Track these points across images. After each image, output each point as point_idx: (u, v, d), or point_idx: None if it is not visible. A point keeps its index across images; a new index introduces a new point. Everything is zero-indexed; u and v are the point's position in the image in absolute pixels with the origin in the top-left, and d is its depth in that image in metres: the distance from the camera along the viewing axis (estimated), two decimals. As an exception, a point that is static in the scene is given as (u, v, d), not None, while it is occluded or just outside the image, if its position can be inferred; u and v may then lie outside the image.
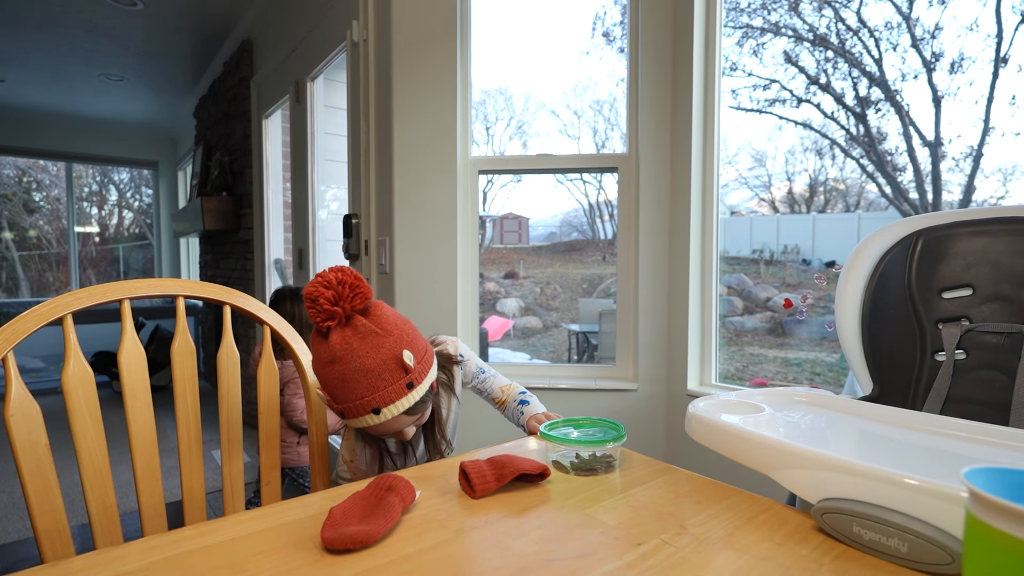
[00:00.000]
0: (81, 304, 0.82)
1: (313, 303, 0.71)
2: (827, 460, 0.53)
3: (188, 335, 0.91)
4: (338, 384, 0.73)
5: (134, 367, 0.88)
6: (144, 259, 6.66)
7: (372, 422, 0.74)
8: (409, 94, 1.80)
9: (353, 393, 0.72)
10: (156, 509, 0.88)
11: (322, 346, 0.73)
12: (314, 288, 0.72)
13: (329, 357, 0.72)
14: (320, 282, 0.72)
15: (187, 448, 0.89)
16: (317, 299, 0.71)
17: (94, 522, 0.83)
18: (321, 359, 0.74)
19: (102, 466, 0.80)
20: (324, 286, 0.71)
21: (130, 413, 0.87)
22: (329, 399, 0.76)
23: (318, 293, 0.71)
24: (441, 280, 1.82)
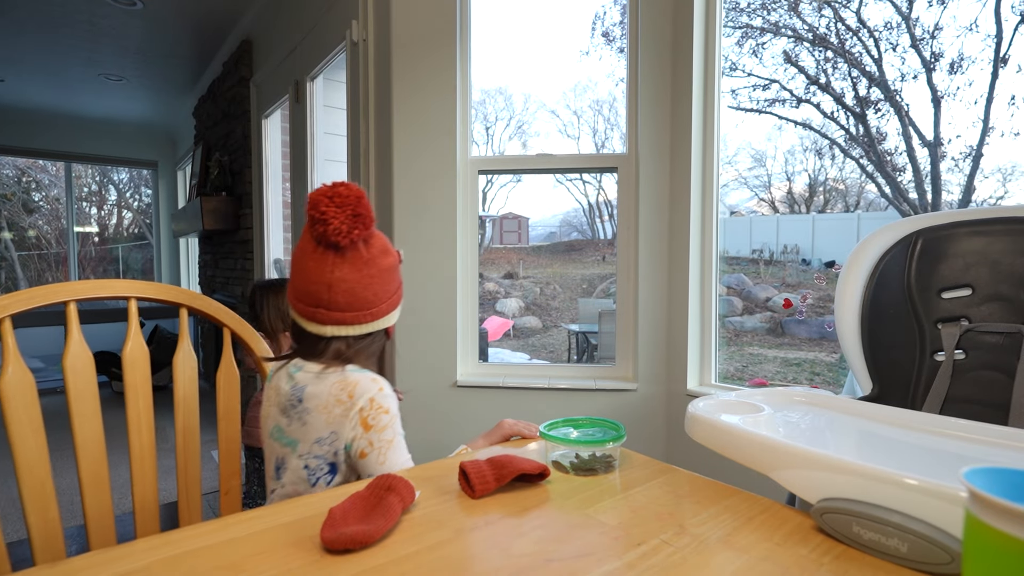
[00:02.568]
0: (21, 306, 0.79)
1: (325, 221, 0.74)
2: (827, 460, 0.53)
3: (141, 339, 0.88)
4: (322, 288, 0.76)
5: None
6: (143, 259, 6.66)
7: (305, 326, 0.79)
8: (409, 94, 1.80)
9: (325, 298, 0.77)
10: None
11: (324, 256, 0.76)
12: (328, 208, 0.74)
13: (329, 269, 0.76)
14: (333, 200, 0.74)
15: (139, 456, 0.87)
16: (329, 220, 0.73)
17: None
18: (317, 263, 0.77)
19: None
20: (337, 206, 0.74)
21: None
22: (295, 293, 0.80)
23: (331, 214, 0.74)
24: (441, 280, 1.82)
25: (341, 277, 0.76)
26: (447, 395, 1.83)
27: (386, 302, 0.82)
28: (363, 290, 0.78)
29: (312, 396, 0.76)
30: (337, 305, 0.77)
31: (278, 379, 0.82)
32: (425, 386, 1.83)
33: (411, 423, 1.84)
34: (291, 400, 0.78)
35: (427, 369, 1.83)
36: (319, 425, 0.75)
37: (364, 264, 0.77)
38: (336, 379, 0.76)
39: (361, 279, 0.77)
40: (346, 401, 0.75)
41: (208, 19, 3.35)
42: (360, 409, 0.74)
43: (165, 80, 4.42)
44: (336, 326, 0.78)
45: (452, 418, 1.83)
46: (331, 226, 0.73)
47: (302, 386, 0.77)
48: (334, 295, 0.76)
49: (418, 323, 1.83)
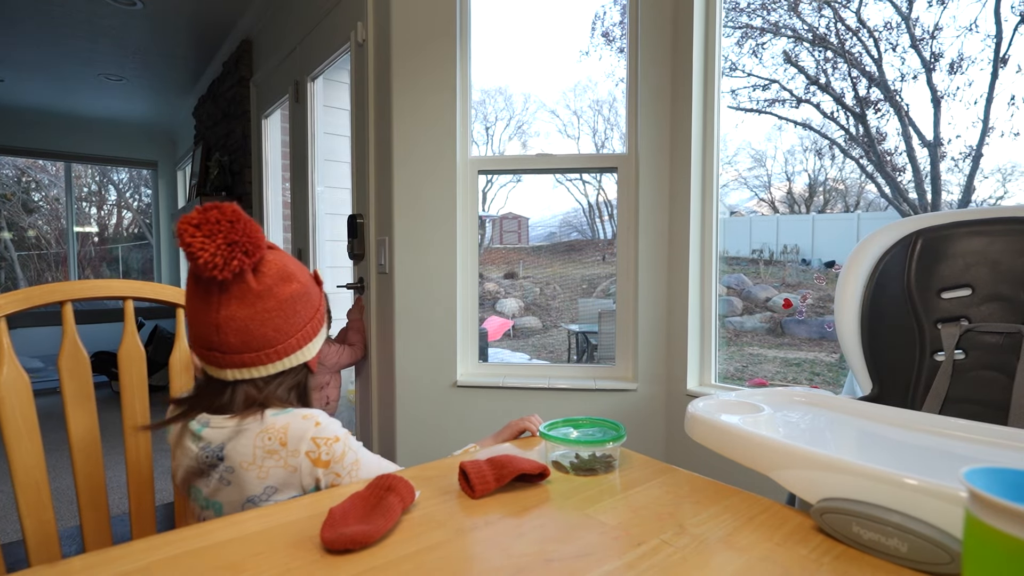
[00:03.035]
0: (17, 306, 0.78)
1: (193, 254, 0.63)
2: (826, 460, 0.53)
3: (137, 339, 0.88)
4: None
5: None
6: (143, 259, 6.65)
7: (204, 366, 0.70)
8: (409, 94, 1.80)
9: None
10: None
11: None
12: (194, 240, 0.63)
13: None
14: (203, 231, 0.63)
15: (135, 456, 0.87)
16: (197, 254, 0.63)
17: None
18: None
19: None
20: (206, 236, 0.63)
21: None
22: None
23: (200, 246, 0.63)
24: (441, 280, 1.82)
25: (228, 315, 0.66)
26: (447, 395, 1.83)
27: (294, 336, 0.71)
28: (259, 327, 0.67)
29: (233, 454, 0.66)
30: (231, 347, 0.67)
31: (183, 438, 0.71)
32: (425, 386, 1.83)
33: (411, 423, 1.84)
34: (207, 462, 0.67)
35: (427, 369, 1.83)
36: (250, 483, 0.65)
37: (256, 297, 0.67)
38: (258, 429, 0.66)
39: (254, 315, 0.67)
40: (279, 450, 0.66)
41: (208, 19, 3.35)
42: (307, 453, 0.66)
43: (165, 80, 4.42)
44: (236, 369, 0.68)
45: (452, 418, 1.83)
46: (201, 259, 0.62)
47: (218, 444, 0.66)
48: (224, 336, 0.66)
49: (418, 323, 1.83)
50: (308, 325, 0.73)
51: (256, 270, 0.68)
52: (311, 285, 0.75)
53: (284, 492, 0.67)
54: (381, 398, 1.96)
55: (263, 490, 0.66)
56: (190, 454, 0.68)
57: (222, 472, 0.66)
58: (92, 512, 0.82)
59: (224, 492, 0.67)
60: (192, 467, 0.68)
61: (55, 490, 2.49)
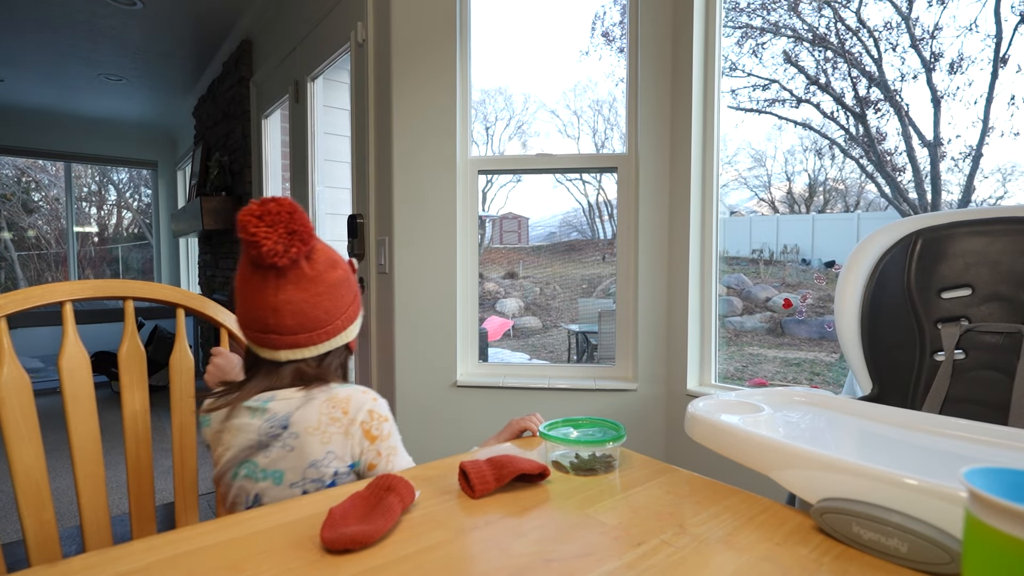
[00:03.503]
0: (17, 306, 0.78)
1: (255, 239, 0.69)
2: (826, 460, 0.53)
3: (137, 339, 0.88)
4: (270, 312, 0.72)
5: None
6: (143, 259, 6.66)
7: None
8: (408, 94, 1.80)
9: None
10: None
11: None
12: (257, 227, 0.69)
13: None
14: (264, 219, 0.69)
15: (135, 456, 0.88)
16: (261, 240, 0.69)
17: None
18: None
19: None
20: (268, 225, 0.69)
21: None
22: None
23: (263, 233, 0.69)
24: (440, 280, 1.82)
25: (286, 299, 0.72)
26: (447, 395, 1.82)
27: (340, 318, 0.78)
28: (312, 309, 0.74)
29: (301, 420, 0.71)
30: (287, 328, 0.73)
31: (235, 418, 0.74)
32: (425, 386, 1.83)
33: (411, 423, 1.84)
34: (270, 432, 0.72)
35: (427, 369, 1.83)
36: (313, 448, 0.71)
37: (309, 282, 0.73)
38: (324, 398, 0.73)
39: (308, 298, 0.73)
40: (341, 418, 0.72)
41: (208, 19, 3.35)
42: (361, 423, 0.73)
43: (165, 80, 4.42)
44: (290, 349, 0.74)
45: (452, 418, 1.83)
46: (264, 247, 0.68)
47: (284, 414, 0.72)
48: (281, 319, 0.72)
49: (418, 323, 1.83)
50: (350, 308, 0.80)
51: (309, 257, 0.74)
52: (351, 272, 0.82)
53: (340, 459, 0.72)
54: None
55: (324, 454, 0.71)
56: (250, 429, 0.72)
57: (286, 439, 0.71)
58: (92, 512, 0.82)
59: (287, 459, 0.71)
60: (252, 442, 0.72)
61: (55, 490, 2.49)
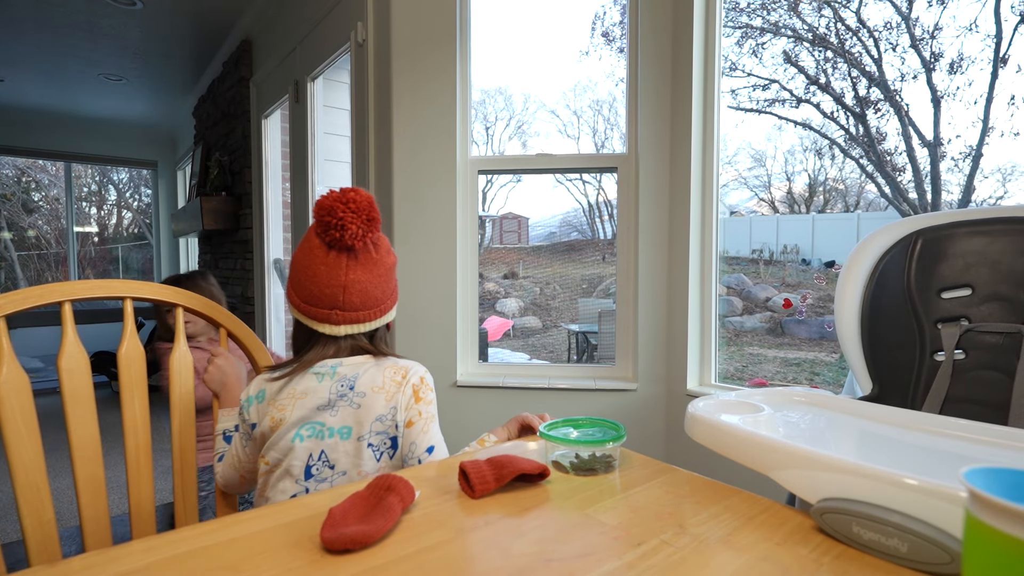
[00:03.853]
0: (16, 306, 0.78)
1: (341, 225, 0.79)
2: (826, 460, 0.53)
3: (136, 339, 0.88)
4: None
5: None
6: (143, 259, 6.66)
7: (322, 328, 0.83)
8: (408, 94, 1.80)
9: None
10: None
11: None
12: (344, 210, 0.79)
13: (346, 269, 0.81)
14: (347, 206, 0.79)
15: (135, 456, 0.87)
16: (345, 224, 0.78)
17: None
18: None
19: (38, 478, 0.77)
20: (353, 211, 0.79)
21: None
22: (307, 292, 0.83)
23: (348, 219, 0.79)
24: (440, 280, 1.82)
25: (355, 279, 0.81)
26: (447, 395, 1.82)
27: (391, 298, 0.88)
28: (374, 289, 0.83)
29: (368, 381, 0.81)
30: (352, 305, 0.82)
31: (303, 384, 0.81)
32: (425, 386, 1.83)
33: (411, 423, 1.84)
34: (336, 393, 0.81)
35: (427, 369, 1.83)
36: (378, 405, 0.80)
37: (374, 265, 0.83)
38: (390, 364, 0.84)
39: (372, 279, 0.83)
40: (400, 380, 0.83)
41: (208, 19, 3.35)
42: (413, 384, 0.83)
43: (165, 80, 4.42)
44: (350, 325, 0.83)
45: (452, 418, 1.83)
46: (349, 231, 0.77)
47: (352, 376, 0.81)
48: (349, 296, 0.81)
49: (418, 323, 1.83)
50: (395, 291, 0.90)
51: (375, 243, 0.84)
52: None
53: (398, 415, 0.81)
54: (381, 398, 1.96)
55: (388, 410, 0.80)
56: (319, 391, 0.80)
57: (352, 398, 0.80)
58: (92, 512, 0.82)
59: (354, 416, 0.80)
60: (323, 401, 0.80)
61: (55, 490, 2.49)
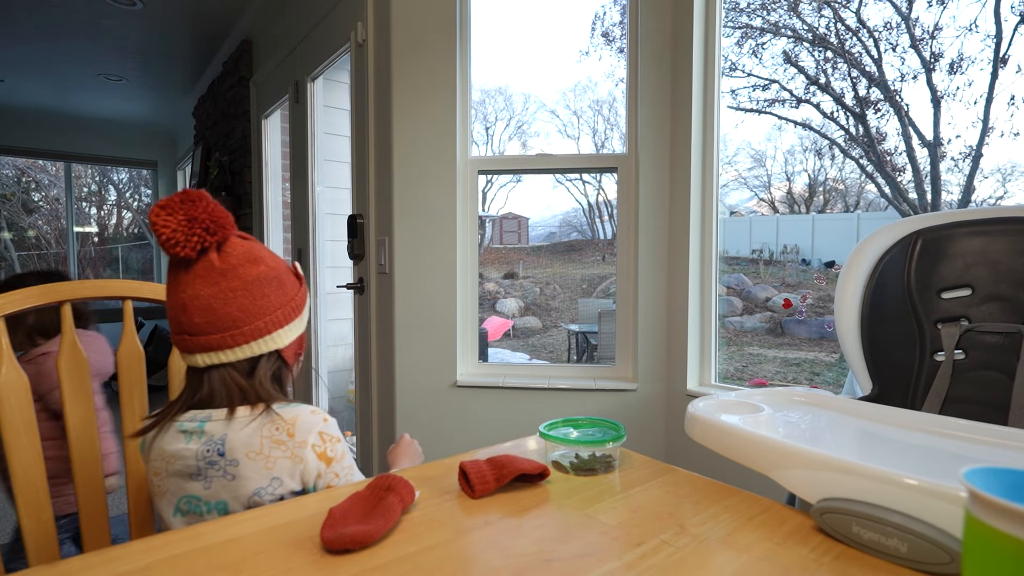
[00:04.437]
0: (15, 307, 0.78)
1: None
2: (826, 460, 0.53)
3: (136, 339, 0.88)
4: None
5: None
6: (143, 259, 6.66)
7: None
8: (408, 94, 1.80)
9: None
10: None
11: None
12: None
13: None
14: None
15: (134, 456, 0.88)
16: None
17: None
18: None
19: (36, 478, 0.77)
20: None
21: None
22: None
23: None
24: (440, 280, 1.82)
25: (193, 295, 0.66)
26: (447, 395, 1.82)
27: (262, 319, 0.69)
28: (223, 306, 0.67)
29: (239, 445, 0.65)
30: (197, 328, 0.66)
31: (166, 443, 0.67)
32: (425, 386, 1.83)
33: (411, 423, 1.84)
34: (204, 460, 0.66)
35: (427, 369, 1.83)
36: (256, 475, 0.65)
37: (219, 276, 0.67)
38: (265, 420, 0.67)
39: (218, 293, 0.66)
40: (286, 441, 0.66)
41: (208, 19, 3.35)
42: (313, 446, 0.67)
43: (165, 80, 4.42)
44: (205, 353, 0.67)
45: (452, 418, 1.83)
46: (163, 237, 0.64)
47: (221, 436, 0.66)
48: (190, 316, 0.66)
49: (418, 323, 1.83)
50: (279, 311, 0.71)
51: (220, 249, 0.68)
52: (284, 273, 0.74)
53: (288, 484, 0.67)
54: (381, 398, 1.96)
55: (269, 481, 0.66)
56: (186, 455, 0.66)
57: (224, 467, 0.65)
58: (91, 512, 0.82)
59: (228, 488, 0.66)
60: (190, 468, 0.66)
61: (55, 490, 2.48)
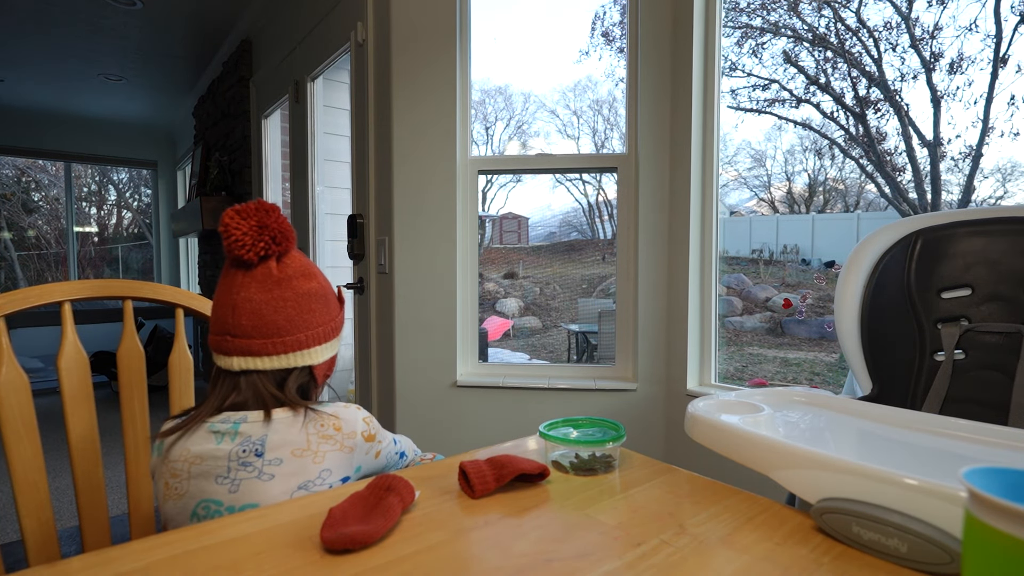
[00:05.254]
0: (15, 306, 0.78)
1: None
2: (826, 460, 0.53)
3: (136, 339, 0.88)
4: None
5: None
6: (143, 259, 6.65)
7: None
8: (408, 94, 1.80)
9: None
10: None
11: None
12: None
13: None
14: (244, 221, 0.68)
15: (135, 456, 0.88)
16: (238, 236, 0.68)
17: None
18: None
19: (37, 478, 0.77)
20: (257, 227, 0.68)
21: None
22: None
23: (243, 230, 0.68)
24: (440, 280, 1.82)
25: (247, 297, 0.67)
26: (447, 395, 1.82)
27: (304, 332, 0.70)
28: (272, 312, 0.68)
29: (282, 444, 0.65)
30: (242, 330, 0.67)
31: (196, 444, 0.65)
32: (425, 386, 1.83)
33: (411, 423, 1.84)
34: (238, 460, 0.64)
35: (427, 369, 1.83)
36: (304, 470, 0.65)
37: (275, 283, 0.68)
38: (310, 417, 0.67)
39: (269, 300, 0.68)
40: (335, 435, 0.68)
41: (208, 19, 3.35)
42: (362, 433, 0.71)
43: (165, 80, 4.42)
44: (243, 357, 0.67)
45: (452, 418, 1.83)
46: (232, 238, 0.66)
47: (260, 437, 0.64)
48: (238, 317, 0.67)
49: (418, 323, 1.83)
50: (321, 328, 0.73)
51: (280, 259, 0.70)
52: (331, 294, 0.76)
53: (337, 474, 0.68)
54: (381, 398, 1.96)
55: (319, 474, 0.66)
56: (217, 455, 0.64)
57: (261, 467, 0.63)
58: (91, 512, 0.82)
59: (260, 489, 0.63)
60: (218, 470, 0.64)
61: (54, 490, 2.49)
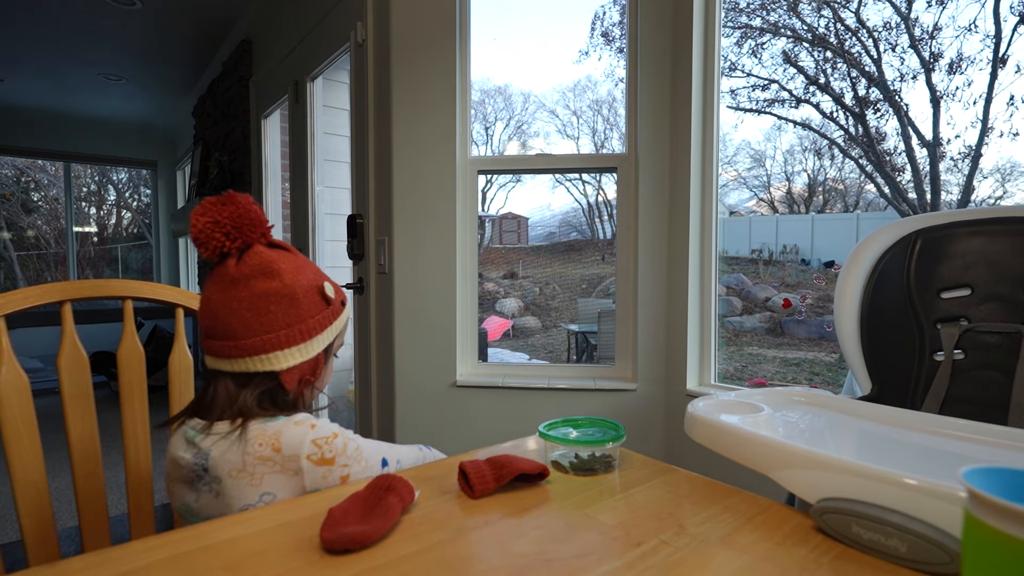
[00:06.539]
0: (15, 306, 0.78)
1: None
2: (826, 460, 0.53)
3: (136, 339, 0.88)
4: None
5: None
6: (142, 259, 6.65)
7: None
8: (408, 94, 1.80)
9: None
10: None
11: None
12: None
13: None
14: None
15: (134, 456, 0.88)
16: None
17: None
18: None
19: (37, 477, 0.77)
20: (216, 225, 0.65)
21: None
22: None
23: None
24: (440, 280, 1.82)
25: (207, 296, 0.65)
26: (447, 395, 1.82)
27: (261, 336, 0.65)
28: (227, 314, 0.64)
29: (221, 463, 0.62)
30: (205, 329, 0.66)
31: (174, 448, 0.67)
32: (425, 386, 1.83)
33: (410, 423, 1.84)
34: (194, 471, 0.63)
35: (427, 369, 1.83)
36: (242, 493, 0.62)
37: (230, 283, 0.64)
38: (247, 437, 0.63)
39: (224, 300, 0.64)
40: (273, 456, 0.62)
41: (208, 19, 3.35)
42: (309, 456, 0.63)
43: (165, 80, 4.42)
44: (210, 356, 0.66)
45: (452, 418, 1.83)
46: (191, 235, 0.64)
47: (206, 451, 0.63)
48: (202, 316, 0.66)
49: (418, 323, 1.83)
50: (283, 331, 0.66)
51: (239, 256, 0.66)
52: (304, 293, 0.69)
53: (283, 496, 0.64)
54: (381, 398, 1.96)
55: (259, 497, 0.63)
56: (183, 463, 0.64)
57: (208, 483, 0.63)
58: (91, 512, 0.82)
59: (214, 504, 0.63)
60: (184, 477, 0.64)
61: (54, 490, 2.49)
